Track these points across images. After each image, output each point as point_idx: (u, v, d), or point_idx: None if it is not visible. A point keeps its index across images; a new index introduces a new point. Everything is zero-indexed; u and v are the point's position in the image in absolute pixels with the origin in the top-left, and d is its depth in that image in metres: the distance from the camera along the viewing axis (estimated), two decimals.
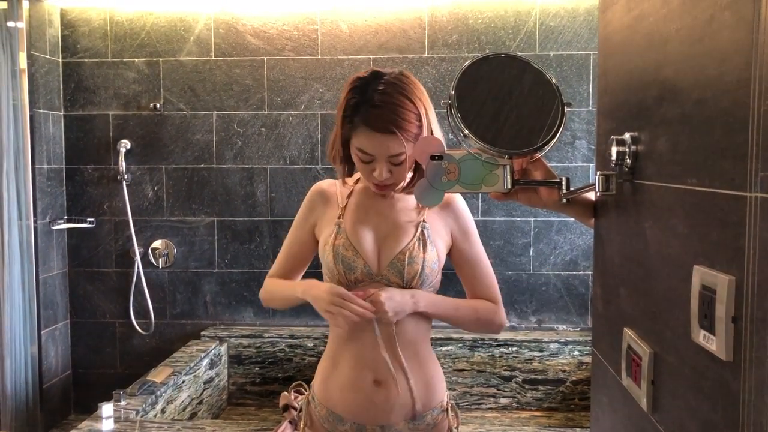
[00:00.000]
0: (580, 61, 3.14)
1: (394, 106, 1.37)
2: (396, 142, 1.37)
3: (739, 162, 0.63)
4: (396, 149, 1.38)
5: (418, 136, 1.39)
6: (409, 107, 1.39)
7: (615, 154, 0.94)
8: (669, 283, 0.80)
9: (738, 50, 0.64)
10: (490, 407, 3.17)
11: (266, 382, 3.28)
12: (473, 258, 1.54)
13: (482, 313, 1.52)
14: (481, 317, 1.51)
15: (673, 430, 0.79)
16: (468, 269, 1.55)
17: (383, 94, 1.38)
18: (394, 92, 1.39)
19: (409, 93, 1.41)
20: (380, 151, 1.39)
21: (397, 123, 1.37)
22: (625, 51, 0.97)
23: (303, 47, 3.23)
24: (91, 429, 2.24)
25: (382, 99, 1.38)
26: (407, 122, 1.38)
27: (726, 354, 0.66)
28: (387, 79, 1.41)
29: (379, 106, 1.37)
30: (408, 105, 1.39)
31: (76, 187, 3.37)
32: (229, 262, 3.34)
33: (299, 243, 1.61)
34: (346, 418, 1.48)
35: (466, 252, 1.54)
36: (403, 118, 1.37)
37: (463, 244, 1.54)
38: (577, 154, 3.17)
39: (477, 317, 1.51)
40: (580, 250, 3.21)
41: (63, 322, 3.37)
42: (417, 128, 1.40)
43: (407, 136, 1.38)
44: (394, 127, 1.36)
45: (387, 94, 1.39)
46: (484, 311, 1.52)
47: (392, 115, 1.37)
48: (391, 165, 1.41)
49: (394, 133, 1.36)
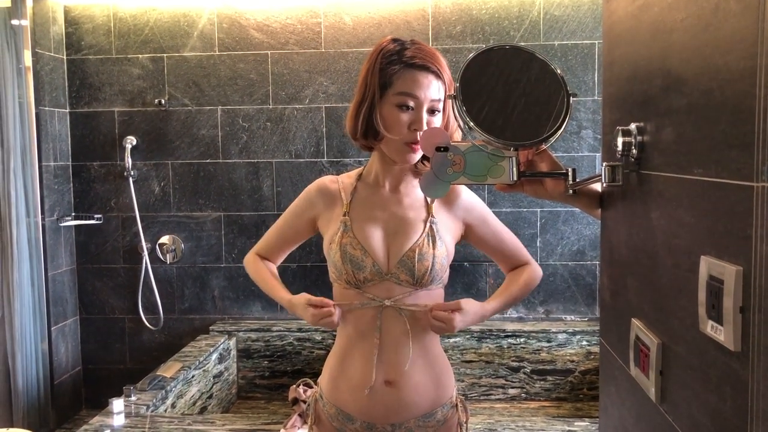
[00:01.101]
0: (585, 51, 3.12)
1: (433, 52, 1.43)
2: (439, 86, 1.41)
3: (746, 152, 0.63)
4: (438, 93, 1.41)
5: (446, 98, 1.42)
6: (443, 60, 1.44)
7: (621, 145, 0.93)
8: (676, 274, 0.80)
9: (744, 39, 0.63)
10: (498, 398, 3.18)
11: (275, 375, 3.30)
12: (495, 235, 1.58)
13: (529, 282, 1.58)
14: (530, 283, 1.58)
15: (681, 420, 0.79)
16: (495, 247, 1.59)
17: (421, 43, 1.45)
18: (427, 46, 1.46)
19: (438, 51, 1.47)
20: (426, 91, 1.39)
21: (439, 64, 1.41)
22: (631, 41, 0.97)
23: (307, 41, 3.22)
24: (102, 424, 2.25)
25: (421, 46, 1.44)
26: (444, 70, 1.42)
27: (734, 344, 0.66)
28: (415, 39, 1.48)
29: (422, 49, 1.42)
30: (442, 58, 1.45)
31: (83, 184, 3.38)
32: (237, 256, 3.35)
33: (293, 230, 1.63)
34: (355, 416, 1.47)
35: (487, 234, 1.57)
36: (441, 64, 1.42)
37: (483, 228, 1.56)
38: (583, 144, 3.16)
39: (527, 287, 1.58)
40: (587, 240, 3.21)
41: (72, 318, 3.39)
42: (449, 83, 1.43)
43: (445, 84, 1.42)
44: (438, 66, 1.40)
45: (423, 45, 1.45)
46: (528, 278, 1.58)
47: (436, 56, 1.42)
48: (429, 116, 1.42)
49: (436, 73, 1.40)
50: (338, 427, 1.50)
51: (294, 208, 1.62)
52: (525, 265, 1.61)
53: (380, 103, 1.41)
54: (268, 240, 1.67)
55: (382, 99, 1.41)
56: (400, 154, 1.43)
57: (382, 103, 1.41)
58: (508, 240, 1.60)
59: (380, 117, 1.41)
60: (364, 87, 1.44)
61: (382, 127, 1.41)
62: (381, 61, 1.42)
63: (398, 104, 1.39)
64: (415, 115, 1.39)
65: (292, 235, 1.64)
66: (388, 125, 1.41)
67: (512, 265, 1.61)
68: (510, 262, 1.61)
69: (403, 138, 1.40)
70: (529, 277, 1.59)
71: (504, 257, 1.61)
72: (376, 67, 1.42)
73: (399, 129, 1.40)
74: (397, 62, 1.40)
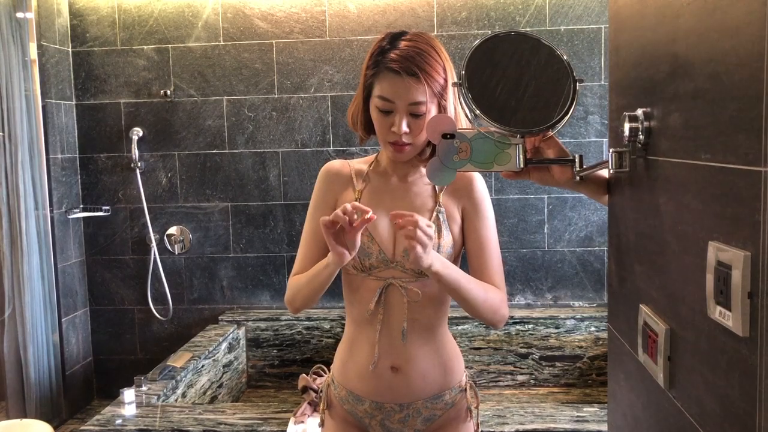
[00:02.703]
0: (592, 35, 3.10)
1: (420, 50, 1.37)
2: (419, 89, 1.35)
3: (753, 136, 0.63)
4: (418, 96, 1.36)
5: (444, 92, 1.38)
6: (434, 56, 1.38)
7: (628, 131, 0.93)
8: (684, 260, 0.80)
9: (751, 23, 0.63)
10: (507, 384, 3.19)
11: (284, 364, 3.31)
12: (482, 236, 1.49)
13: (491, 296, 1.44)
14: (489, 300, 1.44)
15: (690, 405, 0.79)
16: (475, 247, 1.49)
17: (410, 41, 1.39)
18: (421, 41, 1.40)
19: (435, 46, 1.41)
20: (402, 96, 1.36)
21: (422, 66, 1.35)
22: (637, 26, 0.96)
23: (311, 29, 3.21)
24: (114, 414, 2.27)
25: (408, 45, 1.38)
26: (432, 69, 1.36)
27: (742, 330, 0.65)
28: (414, 32, 1.43)
29: (405, 49, 1.37)
30: (434, 54, 1.38)
31: (91, 176, 3.39)
32: (245, 246, 3.36)
33: None
34: (364, 397, 1.49)
35: (475, 228, 1.49)
36: (428, 63, 1.36)
37: (474, 218, 1.49)
38: (590, 130, 3.15)
39: (485, 298, 1.43)
40: (595, 226, 3.20)
41: (82, 309, 3.41)
42: (442, 81, 1.38)
43: (431, 84, 1.36)
44: (418, 69, 1.35)
45: (414, 41, 1.39)
46: (493, 296, 1.45)
47: (417, 58, 1.36)
48: (411, 118, 1.38)
49: (417, 76, 1.35)
50: (349, 409, 1.53)
51: (313, 207, 1.55)
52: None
53: (368, 103, 1.44)
54: (302, 256, 1.54)
55: (368, 100, 1.44)
56: (388, 152, 1.46)
57: (369, 104, 1.44)
58: (491, 253, 1.49)
59: (370, 116, 1.44)
60: (361, 83, 1.45)
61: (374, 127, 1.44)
62: (369, 61, 1.42)
63: (378, 107, 1.40)
64: (395, 118, 1.39)
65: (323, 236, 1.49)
66: (375, 125, 1.44)
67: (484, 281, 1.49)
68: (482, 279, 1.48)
69: (385, 138, 1.42)
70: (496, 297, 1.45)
71: (479, 268, 1.49)
72: (364, 67, 1.43)
73: (380, 130, 1.42)
74: (379, 64, 1.39)
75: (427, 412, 1.50)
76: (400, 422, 1.50)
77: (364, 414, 1.51)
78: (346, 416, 1.55)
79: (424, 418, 1.50)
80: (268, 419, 2.21)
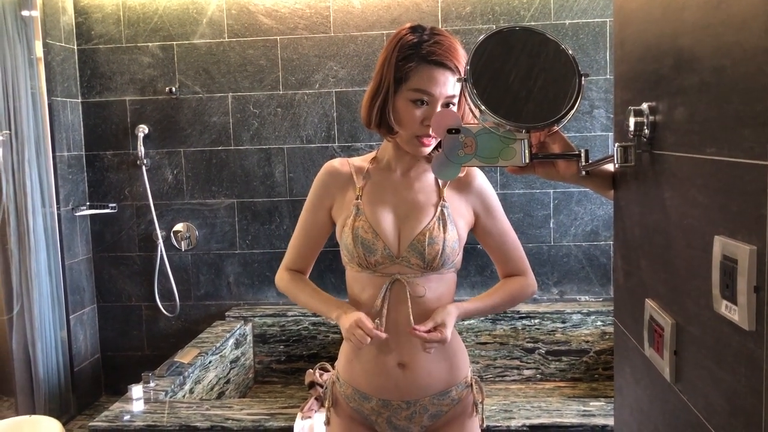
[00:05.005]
0: (597, 29, 3.09)
1: (454, 46, 1.39)
2: (455, 82, 1.38)
3: (759, 130, 0.62)
4: (453, 89, 1.38)
5: None
6: (461, 53, 1.40)
7: (633, 125, 0.92)
8: (690, 254, 0.80)
9: (756, 16, 0.63)
10: (513, 379, 3.19)
11: (291, 360, 3.32)
12: (499, 233, 1.54)
13: (516, 293, 1.55)
14: (516, 296, 1.55)
15: (696, 399, 0.79)
16: (495, 244, 1.55)
17: (443, 35, 1.40)
18: (450, 37, 1.41)
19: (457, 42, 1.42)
20: (441, 88, 1.37)
21: (459, 60, 1.38)
22: (642, 19, 0.96)
23: (316, 25, 3.21)
24: (122, 410, 2.29)
25: (441, 39, 1.39)
26: (462, 65, 1.37)
27: (749, 324, 0.65)
28: (435, 28, 1.43)
29: (442, 43, 1.38)
30: (461, 50, 1.40)
31: (97, 174, 3.40)
32: (251, 242, 3.37)
33: (317, 226, 1.56)
34: (371, 395, 1.49)
35: (491, 228, 1.53)
36: (459, 59, 1.38)
37: (488, 220, 1.53)
38: (595, 124, 3.14)
39: (512, 299, 1.55)
40: (601, 221, 3.19)
41: (90, 306, 3.43)
42: None
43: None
44: (457, 62, 1.37)
45: (446, 36, 1.41)
46: (518, 290, 1.54)
47: (455, 52, 1.38)
48: None
49: (454, 71, 1.37)
50: (355, 407, 1.53)
51: (310, 204, 1.57)
52: (520, 276, 1.57)
53: (395, 96, 1.41)
54: (294, 249, 1.61)
55: (397, 92, 1.41)
56: (411, 146, 1.44)
57: (396, 97, 1.41)
58: (511, 243, 1.56)
59: (394, 109, 1.41)
60: (380, 78, 1.43)
61: (394, 120, 1.42)
62: (398, 54, 1.39)
63: (413, 99, 1.39)
64: (429, 111, 1.38)
65: (317, 234, 1.57)
66: (401, 118, 1.41)
67: (509, 272, 1.58)
68: (508, 267, 1.57)
69: (414, 132, 1.41)
70: (520, 288, 1.56)
71: (503, 260, 1.57)
72: (393, 60, 1.40)
73: (411, 123, 1.40)
74: (414, 57, 1.38)
75: (434, 409, 1.50)
76: (406, 419, 1.50)
77: (370, 411, 1.51)
78: (352, 414, 1.55)
79: (430, 415, 1.51)
80: (275, 415, 2.22)
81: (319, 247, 1.60)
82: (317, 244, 1.59)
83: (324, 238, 1.59)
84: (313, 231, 1.58)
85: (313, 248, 1.60)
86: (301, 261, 1.61)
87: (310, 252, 1.60)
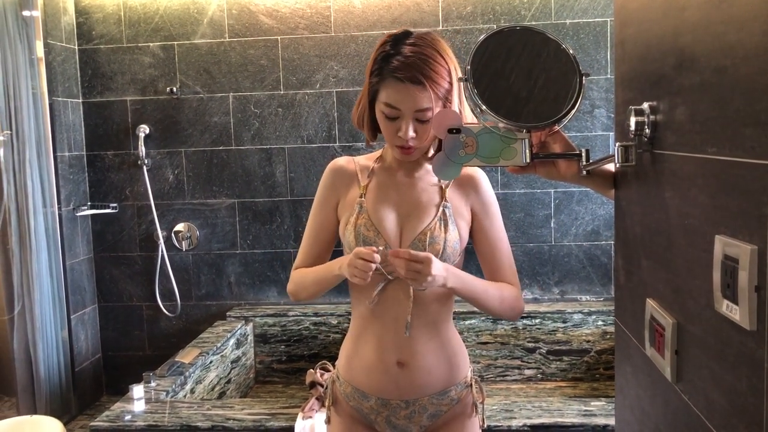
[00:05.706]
0: (597, 28, 3.09)
1: (425, 57, 1.36)
2: (424, 96, 1.35)
3: (760, 130, 0.62)
4: (424, 103, 1.35)
5: (449, 94, 1.38)
6: (439, 61, 1.37)
7: (634, 125, 0.92)
8: (691, 254, 0.80)
9: (757, 16, 0.63)
10: (514, 379, 3.19)
11: (292, 359, 3.33)
12: (493, 237, 1.52)
13: (507, 296, 1.49)
14: (506, 300, 1.49)
15: (697, 399, 0.79)
16: (487, 248, 1.53)
17: (414, 46, 1.37)
18: (425, 45, 1.38)
19: (440, 49, 1.39)
20: (408, 104, 1.36)
21: (427, 74, 1.35)
22: (642, 19, 0.96)
23: (316, 25, 3.21)
24: (123, 410, 2.29)
25: (412, 50, 1.36)
26: (437, 75, 1.35)
27: (750, 323, 0.65)
28: (418, 34, 1.41)
29: (410, 56, 1.36)
30: (438, 59, 1.37)
31: (98, 174, 3.40)
32: (252, 242, 3.37)
33: (325, 226, 1.56)
34: (370, 394, 1.50)
35: (486, 229, 1.52)
36: (433, 69, 1.35)
37: (484, 220, 1.52)
38: (596, 123, 3.14)
39: (501, 300, 1.48)
40: (602, 220, 3.19)
41: (91, 306, 3.43)
42: (447, 85, 1.37)
43: (437, 90, 1.35)
44: (423, 77, 1.34)
45: (418, 46, 1.38)
46: (510, 295, 1.49)
47: (423, 66, 1.35)
48: (417, 123, 1.38)
49: (423, 84, 1.34)
50: (354, 405, 1.53)
51: (317, 203, 1.57)
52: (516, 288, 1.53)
53: (374, 105, 1.44)
54: (304, 249, 1.59)
55: (374, 103, 1.43)
56: (395, 153, 1.46)
57: (375, 106, 1.43)
58: (504, 251, 1.52)
59: (374, 118, 1.45)
60: (365, 88, 1.45)
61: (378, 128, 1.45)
62: (372, 67, 1.41)
63: (384, 113, 1.40)
64: (400, 124, 1.39)
65: (326, 232, 1.56)
66: (381, 129, 1.44)
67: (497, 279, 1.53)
68: (497, 277, 1.52)
69: (392, 142, 1.42)
70: (512, 296, 1.49)
71: (493, 268, 1.52)
72: (370, 72, 1.42)
73: (387, 134, 1.43)
74: (383, 71, 1.38)
75: (433, 408, 1.50)
76: (406, 418, 1.50)
77: (369, 410, 1.51)
78: (352, 413, 1.55)
79: (430, 414, 1.51)
80: (276, 414, 2.22)
81: (329, 246, 1.59)
82: (327, 242, 1.58)
83: (334, 236, 1.57)
84: (322, 229, 1.57)
85: (323, 247, 1.58)
86: (312, 261, 1.58)
87: (321, 251, 1.58)
